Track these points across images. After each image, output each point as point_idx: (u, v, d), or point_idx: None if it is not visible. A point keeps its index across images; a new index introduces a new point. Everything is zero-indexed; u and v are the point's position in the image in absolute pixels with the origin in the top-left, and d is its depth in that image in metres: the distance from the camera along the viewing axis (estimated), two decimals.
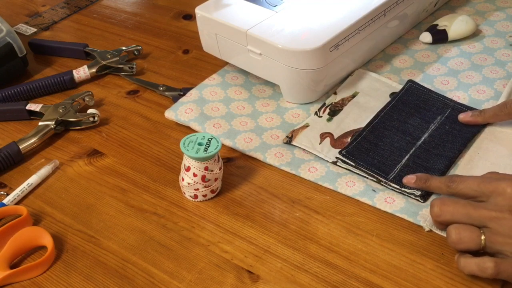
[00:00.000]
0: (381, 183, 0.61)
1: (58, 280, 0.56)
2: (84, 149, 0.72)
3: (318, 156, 0.65)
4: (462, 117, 0.67)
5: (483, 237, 0.50)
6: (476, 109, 0.67)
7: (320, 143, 0.66)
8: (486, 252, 0.51)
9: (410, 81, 0.72)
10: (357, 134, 0.66)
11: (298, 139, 0.67)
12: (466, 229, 0.51)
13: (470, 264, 0.50)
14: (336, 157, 0.64)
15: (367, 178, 0.62)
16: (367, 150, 0.64)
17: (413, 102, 0.70)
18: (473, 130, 0.65)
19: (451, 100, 0.70)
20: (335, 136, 0.67)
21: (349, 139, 0.66)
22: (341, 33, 0.70)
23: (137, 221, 0.62)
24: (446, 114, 0.68)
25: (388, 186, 0.61)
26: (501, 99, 0.69)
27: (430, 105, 0.69)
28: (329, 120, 0.70)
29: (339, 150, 0.65)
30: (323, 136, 0.67)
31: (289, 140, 0.67)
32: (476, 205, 0.52)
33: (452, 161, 0.63)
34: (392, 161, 0.63)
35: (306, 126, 0.69)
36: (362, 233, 0.57)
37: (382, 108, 0.69)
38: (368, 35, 0.74)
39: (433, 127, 0.66)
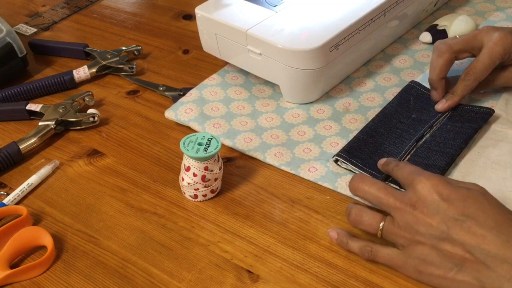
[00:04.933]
0: None
1: (58, 280, 0.56)
2: (84, 149, 0.72)
3: (318, 156, 0.65)
4: (440, 106, 0.67)
5: (382, 224, 0.52)
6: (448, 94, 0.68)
7: None
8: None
9: (412, 81, 0.72)
10: (354, 136, 0.66)
11: None
12: (369, 213, 0.53)
13: (354, 246, 0.54)
14: (335, 157, 0.64)
15: None
16: (367, 153, 0.64)
17: (413, 102, 0.70)
18: (475, 126, 0.65)
19: None
20: None
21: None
22: (341, 33, 0.70)
23: (137, 221, 0.62)
24: (448, 115, 0.67)
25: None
26: (501, 100, 0.70)
27: (429, 102, 0.69)
28: None
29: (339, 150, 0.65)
30: None
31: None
32: (390, 192, 0.52)
33: (453, 158, 0.62)
34: None
35: None
36: (362, 233, 0.57)
37: (382, 109, 0.69)
38: (368, 35, 0.74)
39: (435, 128, 0.66)
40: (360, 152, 0.64)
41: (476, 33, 0.66)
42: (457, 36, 0.68)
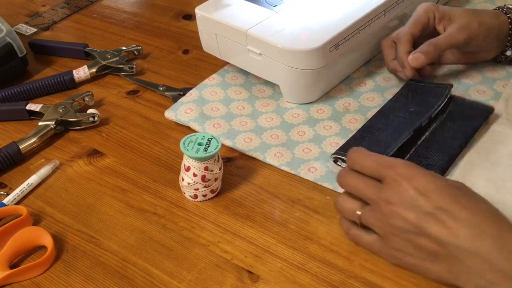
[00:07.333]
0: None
1: (58, 280, 0.56)
2: (84, 149, 0.72)
3: (318, 156, 0.65)
4: (415, 61, 0.70)
5: (358, 212, 0.53)
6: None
7: None
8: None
9: (411, 79, 0.72)
10: (352, 135, 0.66)
11: None
12: (349, 201, 0.54)
13: (343, 223, 0.56)
14: (334, 156, 0.63)
15: None
16: (364, 146, 0.63)
17: (411, 96, 0.69)
18: (475, 124, 0.65)
19: (450, 85, 0.69)
20: None
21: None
22: (341, 33, 0.70)
23: (137, 221, 0.62)
24: (448, 110, 0.67)
25: None
26: (502, 100, 0.70)
27: (428, 94, 0.69)
28: None
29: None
30: None
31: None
32: (368, 184, 0.53)
33: (453, 158, 0.62)
34: None
35: None
36: None
37: (380, 109, 0.69)
38: (368, 35, 0.74)
39: (434, 125, 0.66)
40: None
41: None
42: None
